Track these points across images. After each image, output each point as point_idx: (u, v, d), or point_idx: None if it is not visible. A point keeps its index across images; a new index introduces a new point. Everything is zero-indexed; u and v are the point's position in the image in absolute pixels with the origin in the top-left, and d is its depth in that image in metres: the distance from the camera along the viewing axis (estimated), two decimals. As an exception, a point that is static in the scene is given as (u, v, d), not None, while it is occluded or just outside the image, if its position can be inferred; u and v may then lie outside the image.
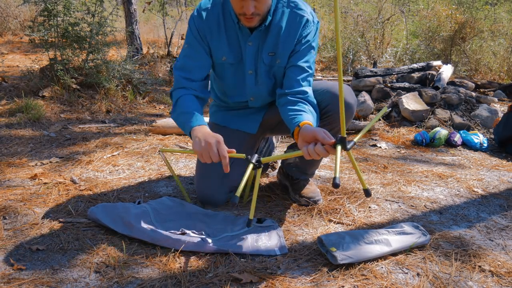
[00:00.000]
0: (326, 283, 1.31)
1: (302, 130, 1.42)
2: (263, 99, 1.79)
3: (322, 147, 1.32)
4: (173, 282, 1.28)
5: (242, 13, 1.52)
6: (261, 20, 1.59)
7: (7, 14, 7.86)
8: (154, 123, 2.98)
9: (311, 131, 1.37)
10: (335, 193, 1.99)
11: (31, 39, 3.65)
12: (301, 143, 1.41)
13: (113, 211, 1.60)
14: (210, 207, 1.78)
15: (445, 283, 1.33)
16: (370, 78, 3.86)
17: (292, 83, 1.65)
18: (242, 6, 1.49)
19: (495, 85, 4.44)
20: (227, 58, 1.69)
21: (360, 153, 2.71)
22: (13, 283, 1.24)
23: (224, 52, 1.68)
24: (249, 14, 1.50)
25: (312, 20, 1.66)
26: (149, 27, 9.66)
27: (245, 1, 1.48)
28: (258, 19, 1.56)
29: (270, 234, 1.54)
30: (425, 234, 1.56)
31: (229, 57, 1.68)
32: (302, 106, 1.58)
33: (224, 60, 1.69)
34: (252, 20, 1.55)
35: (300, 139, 1.42)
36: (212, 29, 1.65)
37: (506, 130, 2.87)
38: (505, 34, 6.04)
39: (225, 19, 1.64)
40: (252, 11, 1.49)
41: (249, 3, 1.48)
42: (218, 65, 1.73)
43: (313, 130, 1.37)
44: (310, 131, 1.37)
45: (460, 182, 2.25)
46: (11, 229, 1.55)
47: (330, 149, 1.32)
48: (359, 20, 6.70)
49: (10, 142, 2.55)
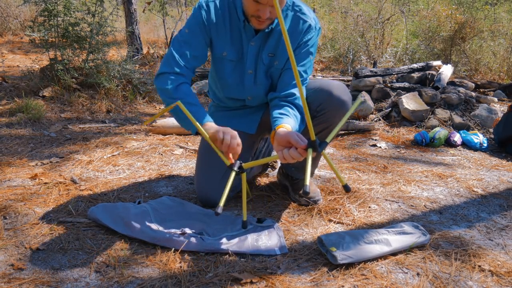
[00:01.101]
0: (326, 283, 1.31)
1: (276, 134, 1.42)
2: (260, 99, 1.80)
3: (296, 150, 1.32)
4: (173, 282, 1.28)
5: (257, 15, 1.52)
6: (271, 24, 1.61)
7: (8, 14, 7.86)
8: (154, 123, 2.98)
9: (285, 136, 1.36)
10: (335, 193, 1.99)
11: (32, 39, 3.65)
12: (277, 147, 1.40)
13: (113, 211, 1.60)
14: (210, 207, 1.79)
15: (445, 283, 1.34)
16: (370, 78, 3.86)
17: (284, 86, 1.67)
18: (258, 10, 1.50)
19: (495, 85, 4.44)
20: (227, 54, 1.69)
21: (360, 153, 2.71)
22: (13, 282, 1.25)
23: (226, 47, 1.68)
24: (264, 18, 1.51)
25: (314, 26, 1.67)
26: (149, 27, 9.66)
27: (263, 6, 1.48)
28: (269, 23, 1.58)
29: (270, 234, 1.54)
30: (425, 234, 1.56)
31: (229, 53, 1.69)
32: (287, 109, 1.58)
33: (224, 56, 1.70)
34: (264, 23, 1.57)
35: (275, 143, 1.41)
36: (218, 22, 1.65)
37: (506, 130, 2.88)
38: (505, 34, 6.04)
39: (231, 16, 1.65)
40: (268, 16, 1.51)
41: (266, 9, 1.49)
42: (218, 59, 1.73)
43: (286, 134, 1.36)
44: (283, 135, 1.37)
45: (460, 182, 2.25)
46: (12, 229, 1.55)
47: (303, 152, 1.31)
48: (359, 20, 6.70)
49: (10, 142, 2.55)
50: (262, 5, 1.48)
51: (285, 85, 1.67)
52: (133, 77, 3.86)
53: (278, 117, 1.55)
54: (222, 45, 1.68)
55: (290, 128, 1.47)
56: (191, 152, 2.56)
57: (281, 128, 1.44)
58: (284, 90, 1.66)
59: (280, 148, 1.37)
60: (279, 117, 1.54)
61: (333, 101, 1.65)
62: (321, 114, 1.67)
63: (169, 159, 2.41)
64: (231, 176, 1.40)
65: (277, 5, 1.05)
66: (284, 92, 1.65)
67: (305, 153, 1.31)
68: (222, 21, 1.65)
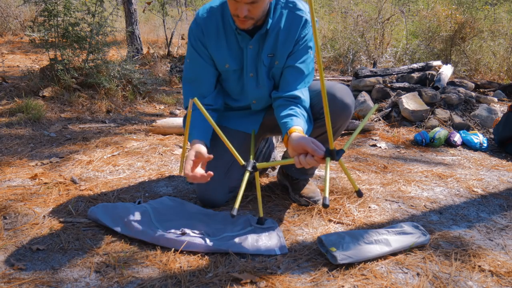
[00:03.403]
0: (326, 283, 1.31)
1: (290, 139, 1.42)
2: (265, 101, 1.79)
3: (313, 158, 1.32)
4: (173, 282, 1.28)
5: (236, 14, 1.52)
6: (256, 23, 1.59)
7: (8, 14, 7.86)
8: (154, 123, 2.98)
9: (300, 143, 1.36)
10: (335, 193, 1.99)
11: (32, 39, 3.65)
12: (292, 153, 1.41)
13: (113, 211, 1.60)
14: (210, 207, 1.79)
15: (444, 283, 1.34)
16: (370, 78, 3.86)
17: (287, 86, 1.66)
18: (236, 8, 1.50)
19: (495, 85, 4.44)
20: (230, 65, 1.69)
21: (360, 153, 2.71)
22: (14, 283, 1.25)
23: (226, 59, 1.68)
24: (241, 16, 1.50)
25: (311, 20, 1.65)
26: (149, 27, 9.66)
27: (239, 4, 1.48)
28: (252, 22, 1.56)
29: (270, 234, 1.54)
30: (425, 234, 1.56)
31: (231, 64, 1.69)
32: (294, 109, 1.58)
33: (227, 68, 1.70)
34: (245, 23, 1.55)
35: (290, 149, 1.42)
36: (211, 38, 1.65)
37: (505, 130, 2.87)
38: (505, 34, 6.04)
39: (225, 26, 1.65)
40: (245, 14, 1.49)
41: (242, 6, 1.48)
42: (223, 72, 1.74)
43: (301, 142, 1.36)
44: (299, 142, 1.37)
45: (460, 182, 2.25)
46: (11, 229, 1.55)
47: (321, 160, 1.32)
48: (359, 20, 6.70)
49: (10, 142, 2.55)
50: (238, 3, 1.48)
51: (288, 84, 1.66)
52: (133, 77, 3.86)
53: (287, 119, 1.54)
54: (223, 58, 1.68)
55: (301, 130, 1.47)
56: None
57: (294, 133, 1.43)
58: (287, 89, 1.65)
59: (296, 154, 1.37)
60: (288, 119, 1.54)
61: (336, 103, 1.65)
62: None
63: (169, 159, 2.41)
64: (245, 176, 1.41)
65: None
66: (288, 93, 1.64)
67: (322, 161, 1.31)
68: (216, 34, 1.65)
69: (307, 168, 1.41)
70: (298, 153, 1.37)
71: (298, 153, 1.37)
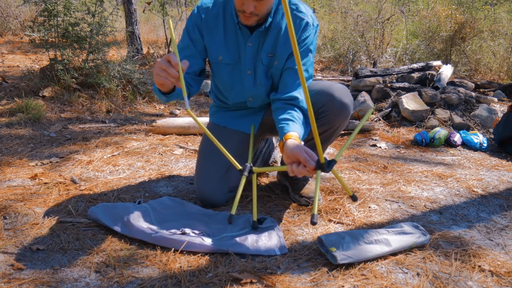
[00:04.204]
0: (326, 283, 1.31)
1: (285, 147, 1.42)
2: (261, 100, 1.79)
3: (305, 168, 1.33)
4: (173, 282, 1.28)
5: (242, 10, 1.53)
6: (259, 20, 1.59)
7: (8, 14, 7.86)
8: (154, 123, 2.98)
9: (294, 152, 1.36)
10: (335, 193, 2.00)
11: (32, 39, 3.65)
12: (286, 160, 1.41)
13: (113, 211, 1.60)
14: (210, 207, 1.79)
15: (444, 283, 1.34)
16: (370, 78, 3.86)
17: (286, 88, 1.65)
18: (243, 4, 1.50)
19: (495, 85, 4.44)
20: (223, 58, 1.69)
21: (360, 153, 2.71)
22: (13, 283, 1.25)
23: (221, 52, 1.68)
24: (248, 12, 1.51)
25: (312, 23, 1.65)
26: (149, 27, 9.66)
27: (246, 0, 1.49)
28: (256, 19, 1.57)
29: (270, 234, 1.54)
30: (425, 234, 1.56)
31: (225, 57, 1.69)
32: (291, 113, 1.58)
33: (220, 60, 1.70)
34: (250, 19, 1.55)
35: (285, 156, 1.42)
36: (210, 27, 1.65)
37: (505, 130, 2.88)
38: (505, 34, 6.04)
39: (226, 19, 1.65)
40: (251, 10, 1.50)
41: (249, 3, 1.49)
42: (215, 64, 1.73)
43: (295, 151, 1.36)
44: (293, 150, 1.36)
45: (460, 182, 2.25)
46: (11, 229, 1.55)
47: (312, 171, 1.32)
48: (359, 20, 6.70)
49: (10, 142, 2.55)
50: None
51: (286, 86, 1.65)
52: (133, 77, 3.86)
53: (283, 123, 1.54)
54: (217, 50, 1.68)
55: (297, 136, 1.47)
56: (191, 152, 2.56)
57: (290, 140, 1.43)
58: (285, 91, 1.65)
59: (289, 162, 1.38)
60: (284, 124, 1.54)
61: (335, 103, 1.65)
62: (323, 116, 1.67)
63: (169, 159, 2.41)
64: (241, 181, 1.42)
65: None
66: (286, 95, 1.64)
67: (314, 171, 1.32)
68: (215, 25, 1.65)
69: (300, 177, 1.42)
70: (291, 161, 1.37)
71: (291, 161, 1.37)
